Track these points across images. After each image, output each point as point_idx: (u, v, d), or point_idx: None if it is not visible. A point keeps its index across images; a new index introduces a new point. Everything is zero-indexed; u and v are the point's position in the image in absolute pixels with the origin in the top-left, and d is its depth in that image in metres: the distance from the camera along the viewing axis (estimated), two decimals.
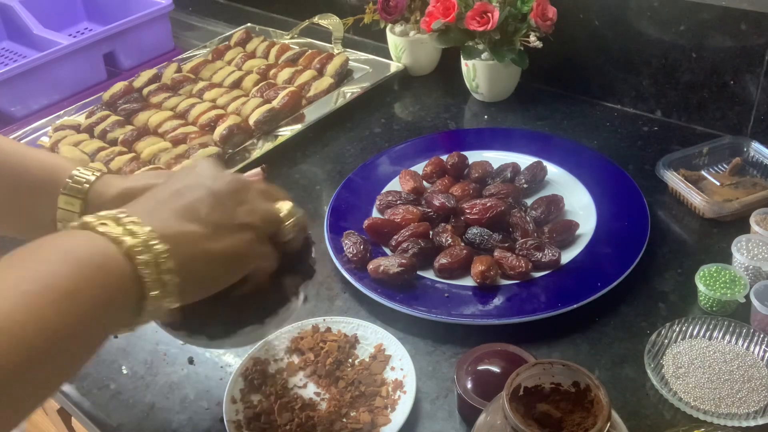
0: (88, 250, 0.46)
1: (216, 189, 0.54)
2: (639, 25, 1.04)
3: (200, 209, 0.52)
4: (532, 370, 0.49)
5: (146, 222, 0.49)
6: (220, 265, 0.53)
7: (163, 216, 0.51)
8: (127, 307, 0.48)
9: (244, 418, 0.68)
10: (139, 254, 0.47)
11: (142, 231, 0.48)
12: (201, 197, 0.53)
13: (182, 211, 0.52)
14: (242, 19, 1.52)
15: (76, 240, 0.47)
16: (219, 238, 0.52)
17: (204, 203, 0.53)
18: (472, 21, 1.06)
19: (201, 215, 0.52)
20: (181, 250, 0.49)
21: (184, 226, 0.51)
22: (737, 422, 0.64)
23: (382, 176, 0.99)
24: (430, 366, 0.74)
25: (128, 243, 0.47)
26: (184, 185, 0.54)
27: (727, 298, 0.73)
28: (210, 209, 0.53)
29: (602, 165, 0.96)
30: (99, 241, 0.47)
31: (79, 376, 0.77)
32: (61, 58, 1.27)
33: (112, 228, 0.48)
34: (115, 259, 0.46)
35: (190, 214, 0.52)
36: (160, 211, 0.51)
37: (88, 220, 0.48)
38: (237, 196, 0.55)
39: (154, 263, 0.47)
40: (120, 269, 0.46)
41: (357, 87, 1.20)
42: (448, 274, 0.82)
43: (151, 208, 0.52)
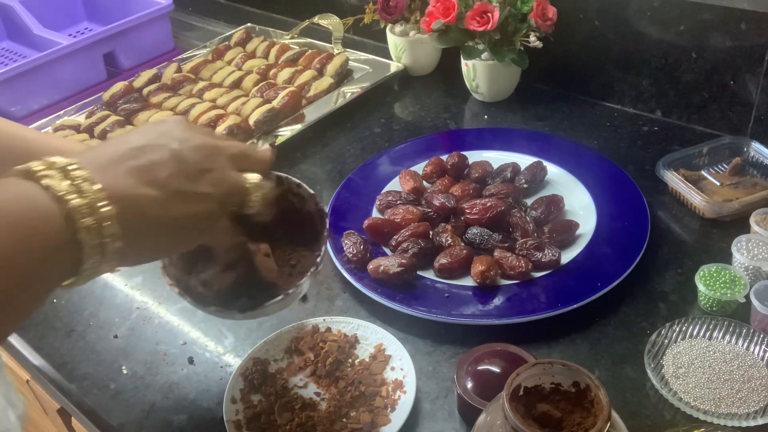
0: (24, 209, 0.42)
1: (181, 151, 0.50)
2: (639, 25, 1.04)
3: (159, 171, 0.48)
4: (532, 370, 0.49)
5: (97, 177, 0.45)
6: (170, 234, 0.50)
7: (117, 172, 0.46)
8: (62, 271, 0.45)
9: (244, 418, 0.68)
10: (82, 217, 0.43)
11: (90, 189, 0.44)
12: (163, 158, 0.49)
13: (140, 171, 0.47)
14: (242, 19, 1.52)
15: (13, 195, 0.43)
16: (174, 205, 0.48)
17: (165, 166, 0.48)
18: (472, 21, 1.06)
19: (159, 178, 0.48)
20: (130, 214, 0.45)
21: (138, 189, 0.47)
22: (737, 422, 0.64)
23: (382, 176, 0.99)
24: (430, 366, 0.74)
25: (72, 203, 0.43)
26: (148, 141, 0.49)
27: (727, 298, 0.73)
28: (170, 173, 0.48)
29: (602, 165, 0.96)
30: (39, 196, 0.43)
31: (79, 375, 0.77)
32: (61, 58, 1.27)
33: (58, 182, 0.43)
34: (53, 221, 0.42)
35: (148, 175, 0.47)
36: (115, 167, 0.47)
37: (33, 168, 0.44)
38: (203, 163, 0.50)
39: (97, 228, 0.44)
40: (58, 232, 0.43)
41: (357, 87, 1.20)
42: (448, 274, 0.82)
43: (106, 160, 0.47)
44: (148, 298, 0.87)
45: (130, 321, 0.83)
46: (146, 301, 0.86)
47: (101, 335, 0.82)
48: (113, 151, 0.48)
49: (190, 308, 0.84)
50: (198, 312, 0.83)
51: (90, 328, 0.83)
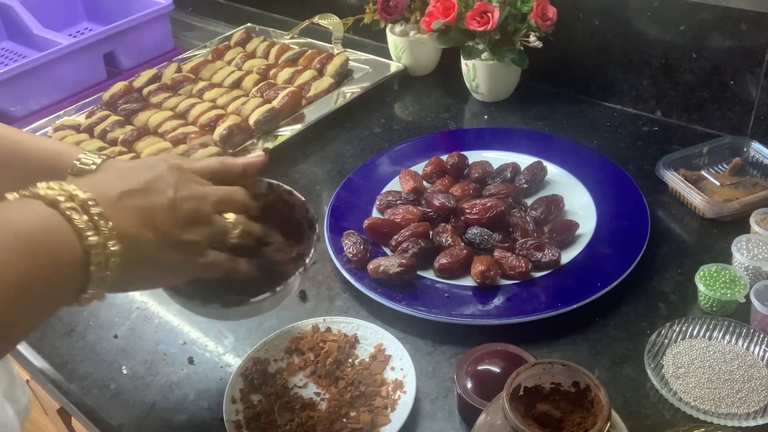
0: (48, 240, 0.46)
1: (175, 200, 0.55)
2: (639, 25, 1.04)
3: (156, 216, 0.54)
4: (532, 370, 0.49)
5: (109, 214, 0.50)
6: (158, 272, 0.56)
7: (125, 212, 0.52)
8: (66, 296, 0.49)
9: (244, 418, 0.68)
10: (97, 253, 0.48)
11: (105, 227, 0.49)
12: (161, 204, 0.55)
13: (140, 212, 0.53)
14: (242, 19, 1.52)
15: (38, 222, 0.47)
16: (164, 249, 0.54)
17: (161, 211, 0.54)
18: (472, 21, 1.06)
19: (155, 222, 0.54)
20: (130, 253, 0.51)
21: (140, 230, 0.52)
22: (737, 422, 0.64)
23: (382, 176, 0.99)
24: (430, 366, 0.74)
25: (91, 241, 0.48)
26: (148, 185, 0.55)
27: (727, 298, 0.73)
28: (164, 219, 0.54)
29: (602, 165, 0.96)
30: (63, 231, 0.47)
31: (79, 375, 0.77)
32: (61, 58, 1.27)
33: (79, 216, 0.48)
34: (73, 252, 0.47)
35: (148, 218, 0.53)
36: (123, 205, 0.52)
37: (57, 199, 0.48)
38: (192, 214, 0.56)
39: (105, 263, 0.49)
40: (74, 263, 0.48)
41: (357, 87, 1.20)
42: (448, 274, 0.82)
43: (116, 198, 0.52)
44: (148, 298, 0.87)
45: (130, 321, 0.83)
46: (146, 301, 0.86)
47: (101, 335, 0.82)
48: (121, 190, 0.53)
49: None
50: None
51: (90, 328, 0.83)
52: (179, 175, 0.58)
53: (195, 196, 0.58)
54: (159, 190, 0.55)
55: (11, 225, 0.46)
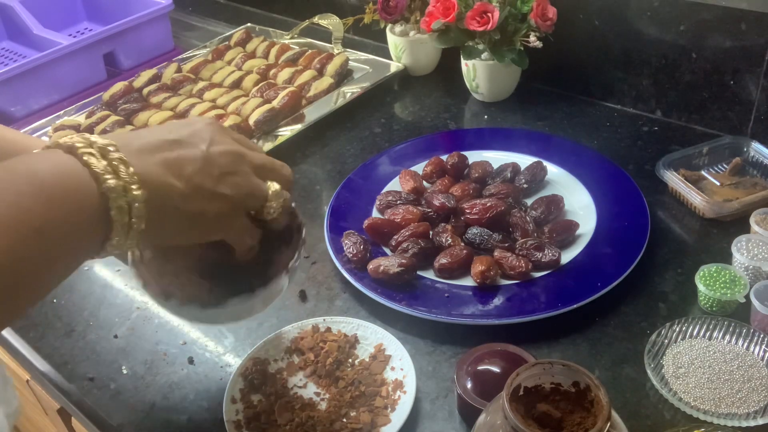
0: (63, 181, 0.45)
1: (209, 153, 0.53)
2: (639, 25, 1.04)
3: (187, 167, 0.52)
4: (532, 370, 0.49)
5: (132, 162, 0.48)
6: (188, 224, 0.53)
7: (150, 161, 0.50)
8: (89, 244, 0.48)
9: (244, 418, 0.68)
10: (117, 196, 0.46)
11: (126, 172, 0.47)
12: (192, 155, 0.52)
13: (169, 163, 0.51)
14: (242, 19, 1.52)
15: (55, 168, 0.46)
16: (195, 200, 0.52)
17: (192, 162, 0.52)
18: (472, 21, 1.06)
19: (185, 173, 0.51)
20: (156, 200, 0.49)
21: (166, 178, 0.50)
22: (737, 422, 0.64)
23: (382, 176, 0.99)
24: (430, 366, 0.74)
25: (109, 183, 0.46)
26: (180, 138, 0.53)
27: (727, 298, 0.73)
28: (195, 170, 0.52)
29: (602, 165, 0.96)
30: (78, 172, 0.46)
31: (79, 375, 0.77)
32: (61, 58, 1.27)
33: (98, 161, 0.47)
34: (90, 197, 0.46)
35: (176, 168, 0.51)
36: (147, 155, 0.50)
37: (76, 144, 0.47)
38: (228, 166, 0.54)
39: (127, 208, 0.47)
40: (93, 208, 0.46)
41: (357, 87, 1.20)
42: (448, 274, 0.82)
43: (140, 147, 0.50)
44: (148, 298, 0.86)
45: (130, 321, 0.83)
46: (146, 301, 0.86)
47: (101, 335, 0.82)
48: (148, 141, 0.51)
49: None
50: None
51: (90, 328, 0.83)
52: (218, 130, 0.55)
53: (233, 152, 0.55)
54: (192, 143, 0.53)
55: (27, 171, 0.45)
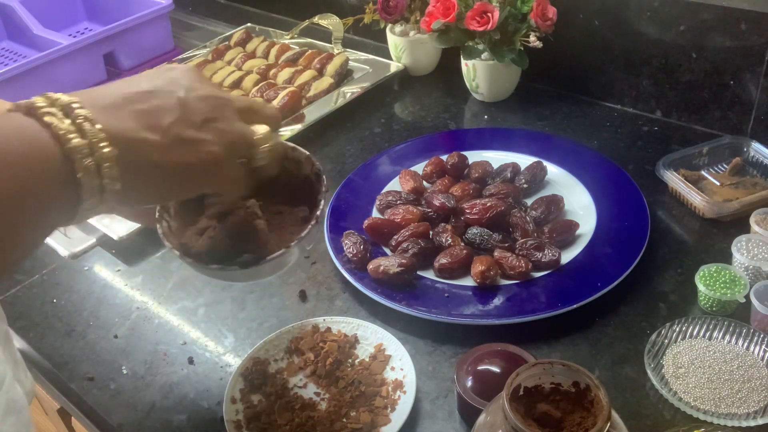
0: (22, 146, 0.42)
1: (187, 99, 0.49)
2: (639, 25, 1.04)
3: (163, 117, 0.47)
4: (532, 370, 0.49)
5: (99, 118, 0.44)
6: (169, 180, 0.49)
7: (120, 115, 0.46)
8: (61, 210, 0.44)
9: (244, 418, 0.68)
10: (82, 157, 0.43)
11: (91, 129, 0.43)
12: (168, 104, 0.48)
13: (143, 115, 0.47)
14: (242, 19, 1.52)
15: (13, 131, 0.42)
16: (175, 152, 0.48)
17: (169, 112, 0.48)
18: (472, 21, 1.06)
19: (162, 124, 0.47)
20: (130, 157, 0.45)
21: (140, 132, 0.46)
22: (737, 422, 0.64)
23: (382, 176, 0.99)
24: (430, 366, 0.74)
25: (73, 143, 0.43)
26: (155, 87, 0.49)
27: (727, 298, 0.73)
28: (174, 120, 0.48)
29: (602, 165, 0.96)
30: (38, 134, 0.42)
31: (79, 375, 0.77)
32: (61, 58, 1.27)
33: (59, 120, 0.43)
34: (52, 160, 0.42)
35: (151, 119, 0.47)
36: (118, 109, 0.46)
37: (36, 104, 0.44)
38: (209, 112, 0.50)
39: (96, 169, 0.43)
40: (57, 172, 0.42)
41: (357, 87, 1.20)
42: (448, 274, 0.82)
43: (109, 102, 0.46)
44: (148, 298, 0.87)
45: (130, 321, 0.83)
46: (146, 301, 0.86)
47: (101, 335, 0.82)
48: (118, 93, 0.47)
49: (190, 308, 0.84)
50: (198, 312, 0.83)
51: (90, 328, 0.83)
52: (196, 76, 0.51)
53: (214, 96, 0.51)
54: (168, 92, 0.49)
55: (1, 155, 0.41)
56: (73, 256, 0.93)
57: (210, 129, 0.50)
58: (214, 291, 0.86)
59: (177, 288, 0.87)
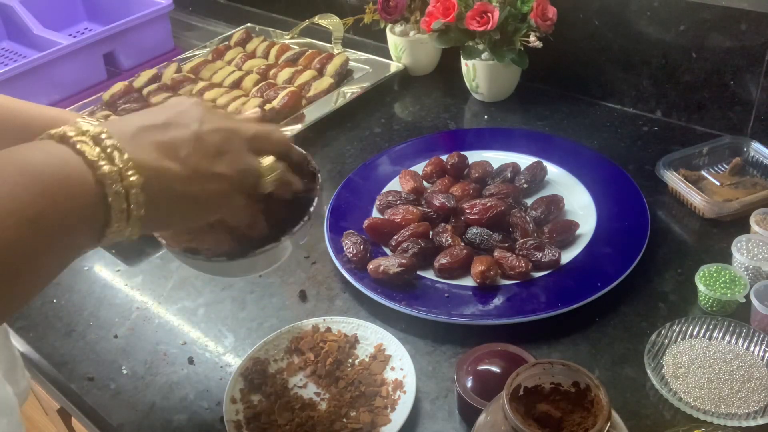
0: (58, 170, 0.44)
1: (201, 132, 0.52)
2: (639, 25, 1.04)
3: (181, 149, 0.51)
4: (532, 370, 0.49)
5: (126, 148, 0.47)
6: (187, 207, 0.52)
7: (143, 145, 0.49)
8: (88, 234, 0.47)
9: (244, 418, 0.68)
10: (113, 183, 0.46)
11: (120, 158, 0.46)
12: (184, 137, 0.51)
13: (163, 146, 0.50)
14: (242, 19, 1.52)
15: (48, 158, 0.45)
16: (193, 182, 0.51)
17: (186, 144, 0.51)
18: (472, 21, 1.06)
19: (181, 155, 0.50)
20: (154, 185, 0.48)
21: (162, 162, 0.49)
22: (737, 422, 0.64)
23: (382, 176, 0.99)
24: (430, 366, 0.74)
25: (104, 170, 0.45)
26: (169, 120, 0.52)
27: (727, 298, 0.73)
28: (191, 151, 0.51)
29: (602, 165, 0.96)
30: (72, 160, 0.45)
31: (79, 375, 0.77)
32: (61, 58, 1.27)
33: (90, 149, 0.46)
34: (85, 184, 0.45)
35: (171, 151, 0.50)
36: (140, 139, 0.49)
37: (67, 133, 0.47)
38: (221, 144, 0.53)
39: (125, 195, 0.46)
40: (89, 196, 0.45)
41: (357, 87, 1.20)
42: (448, 274, 0.82)
43: (132, 133, 0.49)
44: (148, 298, 0.87)
45: (130, 321, 0.83)
46: (146, 301, 0.86)
47: (101, 335, 0.82)
48: (138, 124, 0.50)
49: (190, 308, 0.84)
50: (198, 312, 0.83)
51: (90, 328, 0.83)
52: (206, 109, 0.54)
53: (224, 129, 0.54)
54: (183, 124, 0.52)
55: (20, 162, 0.44)
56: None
57: (222, 161, 0.53)
58: (214, 291, 0.86)
59: (177, 288, 0.87)
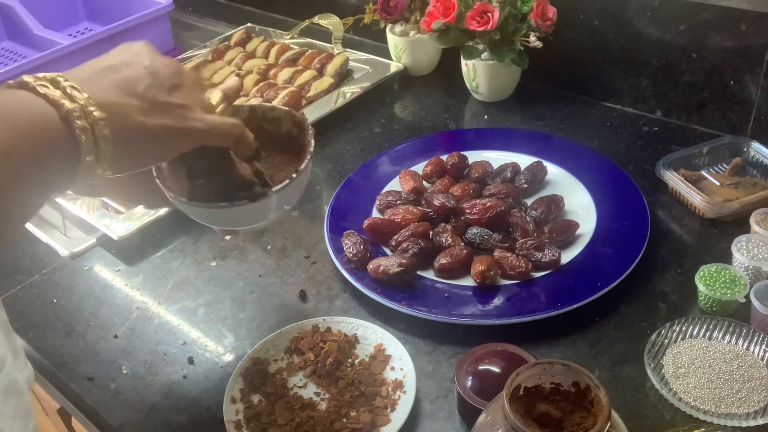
0: (25, 110, 0.47)
1: (153, 68, 0.55)
2: (639, 25, 1.04)
3: (137, 84, 0.53)
4: (532, 370, 0.49)
5: (84, 88, 0.50)
6: (152, 140, 0.54)
7: (100, 85, 0.51)
8: (61, 170, 0.49)
9: (244, 418, 0.68)
10: (77, 119, 0.48)
11: (80, 96, 0.49)
12: (138, 74, 0.54)
13: (120, 84, 0.52)
14: (242, 19, 1.52)
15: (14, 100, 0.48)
16: (154, 113, 0.53)
17: (141, 80, 0.53)
18: (472, 21, 1.06)
19: (138, 90, 0.53)
20: (117, 120, 0.50)
21: (121, 98, 0.52)
22: (737, 422, 0.64)
23: (382, 176, 0.99)
24: (430, 366, 0.74)
25: (67, 107, 0.48)
26: (122, 61, 0.55)
27: (727, 298, 0.73)
28: (147, 86, 0.53)
29: (602, 165, 0.96)
30: (36, 101, 0.48)
31: (79, 375, 0.77)
32: (61, 58, 1.27)
33: (51, 90, 0.48)
34: (52, 121, 0.47)
35: (128, 87, 0.52)
36: (97, 81, 0.52)
37: (26, 80, 0.49)
38: (174, 78, 0.56)
39: (90, 129, 0.48)
40: (57, 132, 0.48)
41: (357, 87, 1.20)
42: (448, 274, 0.82)
43: (87, 77, 0.52)
44: (148, 298, 0.87)
45: (130, 321, 0.83)
46: (146, 301, 0.86)
47: (101, 335, 0.82)
48: (92, 69, 0.53)
49: (190, 308, 0.84)
50: (198, 312, 0.83)
51: (90, 328, 0.83)
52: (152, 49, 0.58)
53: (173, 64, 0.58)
54: (135, 63, 0.55)
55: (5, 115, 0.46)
56: (73, 256, 0.93)
57: (177, 93, 0.56)
58: (214, 291, 0.86)
59: (177, 288, 0.87)
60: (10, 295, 0.88)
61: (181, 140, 0.56)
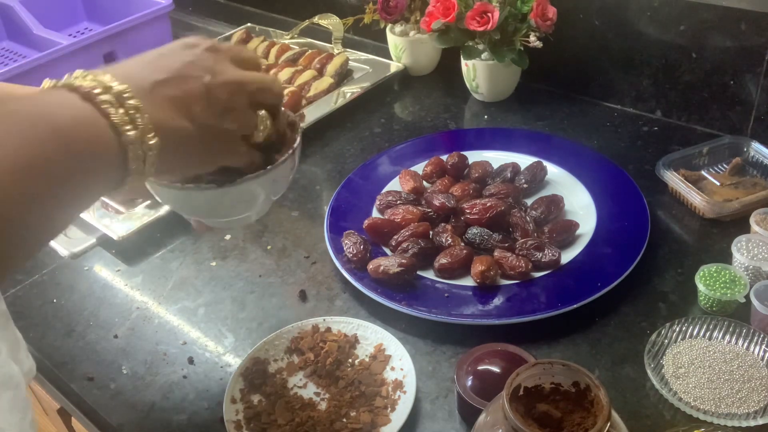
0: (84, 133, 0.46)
1: (211, 86, 0.54)
2: (639, 25, 1.04)
3: (194, 105, 0.52)
4: (532, 370, 0.49)
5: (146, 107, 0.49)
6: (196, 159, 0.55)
7: (159, 102, 0.51)
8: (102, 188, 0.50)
9: (244, 418, 0.68)
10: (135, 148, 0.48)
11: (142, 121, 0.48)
12: (196, 91, 0.53)
13: (176, 102, 0.52)
14: (242, 19, 1.52)
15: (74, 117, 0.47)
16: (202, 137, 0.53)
17: (197, 99, 0.53)
18: (472, 21, 1.06)
19: (193, 112, 0.52)
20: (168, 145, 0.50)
21: (176, 121, 0.51)
22: (737, 422, 0.64)
23: (382, 176, 0.99)
24: (430, 366, 0.74)
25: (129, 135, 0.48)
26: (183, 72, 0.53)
27: (727, 298, 0.73)
28: (201, 109, 0.53)
29: (602, 165, 0.96)
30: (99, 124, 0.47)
31: (79, 375, 0.77)
32: (61, 58, 1.27)
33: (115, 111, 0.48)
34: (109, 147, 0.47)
35: (184, 108, 0.52)
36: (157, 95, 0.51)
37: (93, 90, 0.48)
38: (229, 101, 0.55)
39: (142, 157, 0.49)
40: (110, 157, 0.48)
41: (357, 87, 1.20)
42: (448, 274, 0.82)
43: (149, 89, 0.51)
44: (148, 298, 0.87)
45: (130, 321, 0.83)
46: (146, 301, 0.86)
47: (101, 335, 0.82)
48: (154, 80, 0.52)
49: (190, 308, 0.84)
50: (198, 312, 0.83)
51: (90, 328, 0.83)
52: (216, 57, 0.56)
53: (233, 83, 0.55)
54: (195, 76, 0.53)
55: (48, 118, 0.46)
56: (73, 256, 0.93)
57: (228, 119, 0.55)
58: (214, 291, 0.86)
59: (177, 288, 0.87)
60: (10, 295, 0.88)
61: (217, 162, 0.58)
